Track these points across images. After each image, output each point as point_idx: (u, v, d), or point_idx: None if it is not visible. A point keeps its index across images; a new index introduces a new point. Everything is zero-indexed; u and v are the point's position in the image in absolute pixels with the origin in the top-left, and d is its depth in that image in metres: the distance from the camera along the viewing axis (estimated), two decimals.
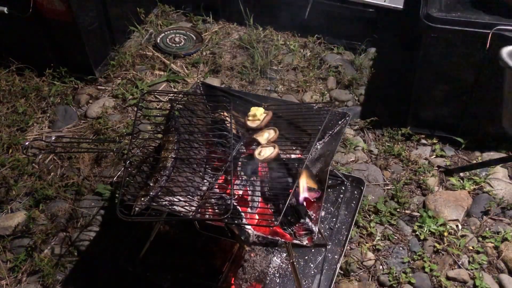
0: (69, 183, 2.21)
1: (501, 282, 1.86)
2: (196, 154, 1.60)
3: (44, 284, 1.88)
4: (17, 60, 2.70)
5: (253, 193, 1.60)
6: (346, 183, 2.12)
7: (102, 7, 2.67)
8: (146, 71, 2.82)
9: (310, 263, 1.87)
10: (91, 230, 2.05)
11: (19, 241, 2.02)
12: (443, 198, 2.11)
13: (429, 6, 2.05)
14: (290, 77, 2.78)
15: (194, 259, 1.87)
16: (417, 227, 2.03)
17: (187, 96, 1.77)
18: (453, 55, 2.10)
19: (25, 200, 2.17)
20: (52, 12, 2.45)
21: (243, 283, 1.80)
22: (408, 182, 2.23)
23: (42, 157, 2.34)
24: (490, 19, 1.98)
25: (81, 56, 2.66)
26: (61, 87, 2.70)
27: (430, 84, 2.26)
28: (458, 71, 2.15)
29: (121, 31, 2.94)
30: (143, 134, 1.68)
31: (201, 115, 1.72)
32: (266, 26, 3.03)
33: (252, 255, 1.86)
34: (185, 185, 1.48)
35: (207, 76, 2.79)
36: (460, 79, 2.17)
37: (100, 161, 2.31)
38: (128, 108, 2.61)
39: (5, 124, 2.47)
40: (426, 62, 2.19)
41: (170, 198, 1.45)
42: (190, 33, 3.08)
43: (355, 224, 2.00)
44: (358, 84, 2.72)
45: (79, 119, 2.57)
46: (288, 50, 2.95)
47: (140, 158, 1.60)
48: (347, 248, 1.94)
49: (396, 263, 1.93)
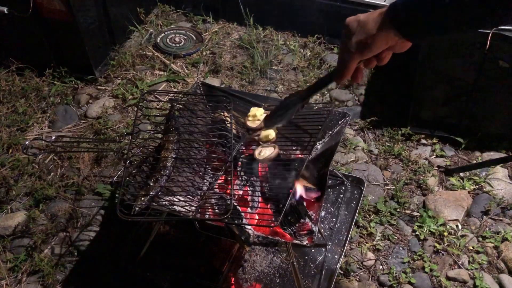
0: (69, 183, 2.21)
1: (501, 282, 1.86)
2: (196, 154, 1.60)
3: (44, 284, 1.88)
4: (17, 60, 2.70)
5: (253, 193, 1.60)
6: (346, 183, 2.12)
7: (102, 7, 2.67)
8: (146, 71, 2.82)
9: (310, 263, 1.87)
10: (91, 230, 2.05)
11: (19, 241, 2.02)
12: (443, 198, 2.11)
13: None
14: (290, 77, 2.78)
15: (194, 259, 1.87)
16: (417, 227, 2.03)
17: (187, 96, 1.77)
18: (453, 55, 2.10)
19: (25, 200, 2.17)
20: (52, 12, 2.45)
21: (243, 283, 1.80)
22: (408, 182, 2.23)
23: (42, 157, 2.34)
24: None
25: (81, 56, 2.66)
26: (61, 87, 2.70)
27: (430, 84, 2.26)
28: (458, 71, 2.15)
29: (121, 31, 2.94)
30: (143, 134, 1.68)
31: (201, 115, 1.72)
32: (266, 26, 3.03)
33: (252, 255, 1.86)
34: (185, 185, 1.48)
35: (207, 76, 2.79)
36: (460, 79, 2.17)
37: (100, 161, 2.31)
38: (128, 108, 2.61)
39: (5, 124, 2.47)
40: (426, 62, 2.20)
41: (170, 198, 1.45)
42: (190, 33, 3.08)
43: (355, 224, 2.00)
44: (358, 84, 2.72)
45: (79, 119, 2.57)
46: (288, 50, 2.95)
47: (140, 158, 1.60)
48: (347, 248, 1.94)
49: (396, 263, 1.93)
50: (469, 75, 2.14)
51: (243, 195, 1.59)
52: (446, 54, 2.11)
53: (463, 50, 2.07)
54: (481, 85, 2.16)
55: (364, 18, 1.00)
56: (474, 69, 2.11)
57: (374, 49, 0.98)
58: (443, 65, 2.16)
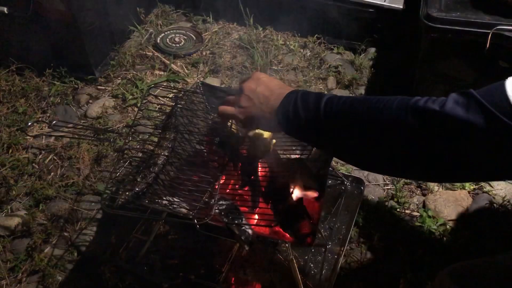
0: (69, 183, 2.21)
1: None
2: (193, 153, 1.59)
3: (44, 284, 1.88)
4: (17, 60, 2.70)
5: (253, 193, 1.60)
6: (346, 183, 2.12)
7: (102, 7, 2.67)
8: (146, 71, 2.82)
9: (310, 263, 1.87)
10: (91, 230, 2.05)
11: (19, 241, 2.02)
12: (443, 198, 2.11)
13: (429, 6, 2.05)
14: (290, 77, 2.78)
15: (194, 259, 1.87)
16: (417, 227, 2.03)
17: (189, 94, 1.76)
18: (453, 55, 2.10)
19: (25, 200, 2.17)
20: (52, 12, 2.45)
21: (243, 283, 1.80)
22: (408, 182, 2.23)
23: (42, 157, 2.34)
24: (490, 19, 1.98)
25: (81, 56, 2.66)
26: (61, 87, 2.70)
27: (430, 84, 2.26)
28: (458, 71, 2.15)
29: (121, 31, 2.94)
30: (143, 129, 1.68)
31: (201, 115, 1.71)
32: (266, 26, 3.03)
33: (252, 255, 1.86)
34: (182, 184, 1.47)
35: (207, 76, 2.79)
36: (460, 79, 2.17)
37: (100, 161, 2.31)
38: (128, 108, 2.61)
39: (5, 124, 2.47)
40: (426, 62, 2.19)
41: (170, 198, 1.45)
42: (190, 33, 3.08)
43: (355, 224, 2.00)
44: (358, 84, 2.72)
45: (79, 119, 2.58)
46: (288, 50, 2.95)
47: (136, 150, 1.59)
48: (347, 248, 1.94)
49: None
50: (469, 75, 2.14)
51: (243, 195, 1.59)
52: (446, 54, 2.11)
53: (463, 50, 2.07)
54: (481, 85, 2.15)
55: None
56: (474, 69, 2.11)
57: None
58: (443, 65, 2.16)
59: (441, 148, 0.83)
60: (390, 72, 2.76)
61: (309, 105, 1.03)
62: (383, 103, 0.91)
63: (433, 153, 0.85)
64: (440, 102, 0.84)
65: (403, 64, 2.73)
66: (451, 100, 0.83)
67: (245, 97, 1.18)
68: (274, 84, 1.17)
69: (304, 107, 1.04)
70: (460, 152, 0.82)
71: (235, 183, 1.60)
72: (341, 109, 0.98)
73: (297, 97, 1.07)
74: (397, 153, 0.90)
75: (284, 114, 1.08)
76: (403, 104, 0.88)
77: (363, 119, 0.94)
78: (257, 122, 1.17)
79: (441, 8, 2.06)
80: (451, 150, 0.82)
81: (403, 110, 0.87)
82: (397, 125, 0.88)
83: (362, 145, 0.96)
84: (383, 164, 0.96)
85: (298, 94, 1.08)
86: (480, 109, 0.78)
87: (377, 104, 0.93)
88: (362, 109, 0.95)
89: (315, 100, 1.03)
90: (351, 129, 0.96)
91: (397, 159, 0.91)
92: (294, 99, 1.07)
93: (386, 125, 0.90)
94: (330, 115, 0.99)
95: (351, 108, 0.97)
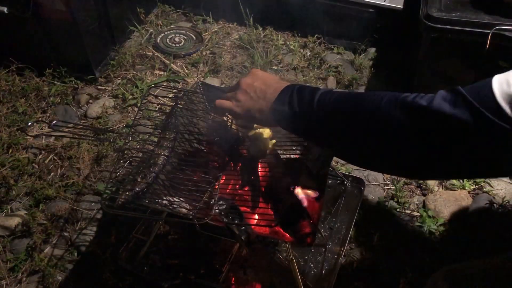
0: (69, 183, 2.21)
1: None
2: (193, 153, 1.59)
3: (44, 284, 1.88)
4: (17, 60, 2.70)
5: (253, 193, 1.60)
6: (346, 183, 2.12)
7: (102, 7, 2.67)
8: (146, 71, 2.82)
9: (310, 262, 1.87)
10: (91, 230, 2.05)
11: (19, 241, 2.02)
12: (443, 198, 2.11)
13: (429, 6, 2.05)
14: (290, 77, 2.78)
15: (194, 259, 1.87)
16: (417, 227, 2.03)
17: (189, 94, 1.76)
18: (453, 55, 2.10)
19: (25, 200, 2.17)
20: (52, 12, 2.45)
21: (243, 283, 1.80)
22: (408, 182, 2.23)
23: (42, 157, 2.34)
24: (490, 19, 1.99)
25: (81, 56, 2.66)
26: (61, 87, 2.70)
27: (430, 84, 2.26)
28: (458, 71, 2.15)
29: (121, 31, 2.94)
30: (143, 129, 1.68)
31: (201, 115, 1.71)
32: (266, 26, 3.03)
33: (252, 255, 1.86)
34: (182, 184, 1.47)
35: (207, 76, 2.79)
36: (460, 79, 2.17)
37: (100, 161, 2.31)
38: (128, 108, 2.61)
39: (5, 124, 2.47)
40: (426, 62, 2.19)
41: (170, 198, 1.45)
42: (190, 33, 3.08)
43: (355, 224, 2.00)
44: (358, 84, 2.72)
45: (79, 119, 2.58)
46: (288, 50, 2.95)
47: (136, 150, 1.59)
48: (347, 248, 1.94)
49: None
50: (469, 75, 2.14)
51: (243, 195, 1.59)
52: (446, 54, 2.11)
53: (463, 50, 2.07)
54: None
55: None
56: (474, 69, 2.11)
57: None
58: (443, 65, 2.16)
59: (428, 144, 0.84)
60: (390, 72, 2.76)
61: (304, 99, 1.04)
62: (374, 98, 0.93)
63: (420, 148, 0.85)
64: (428, 98, 0.85)
65: (403, 64, 2.73)
66: (439, 97, 0.84)
67: (242, 91, 1.19)
68: (271, 79, 1.18)
69: (300, 101, 1.05)
70: (447, 148, 0.82)
71: (235, 183, 1.59)
72: (333, 103, 1.00)
73: (293, 91, 1.08)
74: (385, 147, 0.91)
75: (281, 108, 1.08)
76: (392, 99, 0.90)
77: (354, 113, 0.95)
78: (253, 116, 1.17)
79: (441, 8, 2.06)
80: (438, 146, 0.83)
81: (392, 105, 0.89)
82: (386, 119, 0.89)
83: (352, 139, 0.97)
84: (372, 159, 0.97)
85: (295, 88, 1.09)
86: (467, 105, 0.79)
87: (368, 99, 0.94)
88: (353, 103, 0.97)
89: (310, 95, 1.04)
90: (342, 123, 0.98)
91: (386, 154, 0.92)
92: (290, 93, 1.08)
93: (375, 119, 0.91)
94: (322, 108, 1.00)
95: (343, 103, 0.98)
